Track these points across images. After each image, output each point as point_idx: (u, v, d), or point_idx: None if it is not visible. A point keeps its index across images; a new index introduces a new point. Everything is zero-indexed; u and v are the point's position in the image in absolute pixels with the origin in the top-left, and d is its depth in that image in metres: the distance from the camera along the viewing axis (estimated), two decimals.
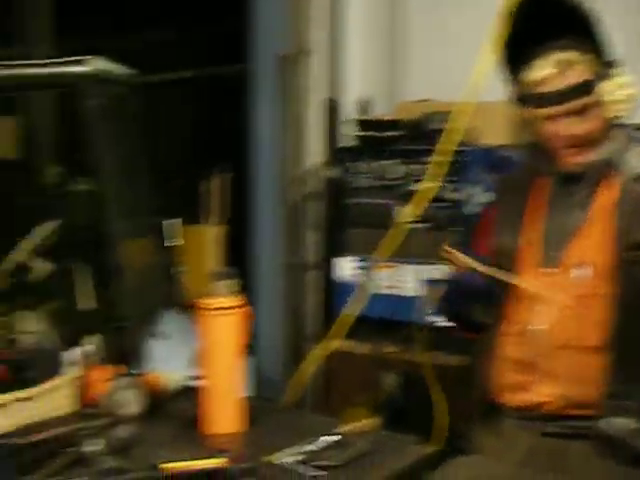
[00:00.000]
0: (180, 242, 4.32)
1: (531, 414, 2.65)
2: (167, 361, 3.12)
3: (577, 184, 2.65)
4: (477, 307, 2.75)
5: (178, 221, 4.29)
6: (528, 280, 2.63)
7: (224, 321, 2.60)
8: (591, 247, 2.60)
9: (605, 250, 2.58)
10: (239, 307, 2.63)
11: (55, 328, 3.41)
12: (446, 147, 2.89)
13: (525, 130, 2.75)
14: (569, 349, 2.60)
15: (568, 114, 2.57)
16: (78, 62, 3.13)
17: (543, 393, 2.62)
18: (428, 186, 2.87)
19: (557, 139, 2.60)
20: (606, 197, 2.63)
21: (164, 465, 2.21)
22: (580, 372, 2.60)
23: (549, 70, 2.58)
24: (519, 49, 2.64)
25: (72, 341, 3.20)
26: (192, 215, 5.18)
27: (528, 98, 2.64)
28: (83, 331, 3.24)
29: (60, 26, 6.78)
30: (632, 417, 2.34)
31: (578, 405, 2.56)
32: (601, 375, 2.54)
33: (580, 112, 2.57)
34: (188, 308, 3.97)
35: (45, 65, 3.19)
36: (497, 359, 2.72)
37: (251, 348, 4.60)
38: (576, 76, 2.57)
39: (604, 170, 2.64)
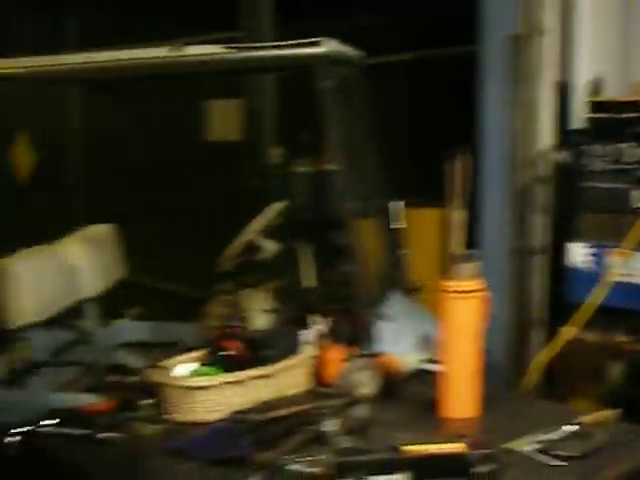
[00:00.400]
0: (403, 224, 4.31)
1: None
2: (393, 343, 3.11)
3: None
4: None
5: (401, 203, 4.29)
6: None
7: (465, 304, 2.59)
8: None
9: None
10: (480, 291, 2.61)
11: (282, 307, 3.47)
12: None
13: None
14: None
15: None
16: (311, 44, 3.15)
17: None
18: None
19: None
20: None
21: (405, 447, 2.21)
22: None
23: None
24: None
25: (299, 320, 3.25)
26: (421, 197, 5.21)
27: None
28: (309, 311, 3.29)
29: (281, 9, 6.90)
30: None
31: None
32: None
33: None
34: (412, 291, 3.98)
35: (277, 47, 3.23)
36: None
37: None
38: None
39: None
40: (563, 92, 4.83)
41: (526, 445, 2.32)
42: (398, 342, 3.14)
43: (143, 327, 4.39)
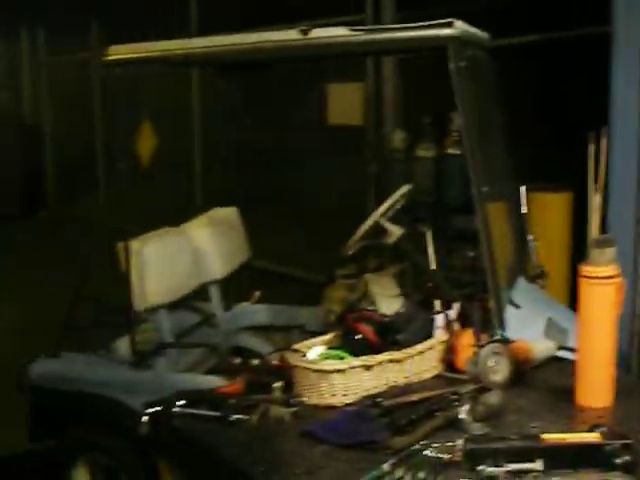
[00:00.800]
0: (525, 209, 4.25)
1: None
2: (520, 330, 3.06)
3: None
4: None
5: (523, 188, 4.22)
6: None
7: (603, 291, 2.53)
8: None
9: None
10: (617, 277, 2.55)
11: (410, 291, 3.45)
12: None
13: None
14: None
15: None
16: (442, 25, 3.10)
17: None
18: None
19: None
20: None
21: (545, 436, 2.17)
22: None
23: None
24: None
25: (427, 305, 3.23)
26: (555, 182, 5.13)
27: None
28: (436, 295, 3.25)
29: None
30: None
31: None
32: None
33: None
34: (538, 277, 3.91)
35: (406, 29, 3.19)
36: None
37: None
38: None
39: None
40: None
41: None
42: (525, 329, 3.10)
43: (265, 310, 4.41)
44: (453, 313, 3.09)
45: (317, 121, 7.82)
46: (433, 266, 3.40)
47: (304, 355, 2.90)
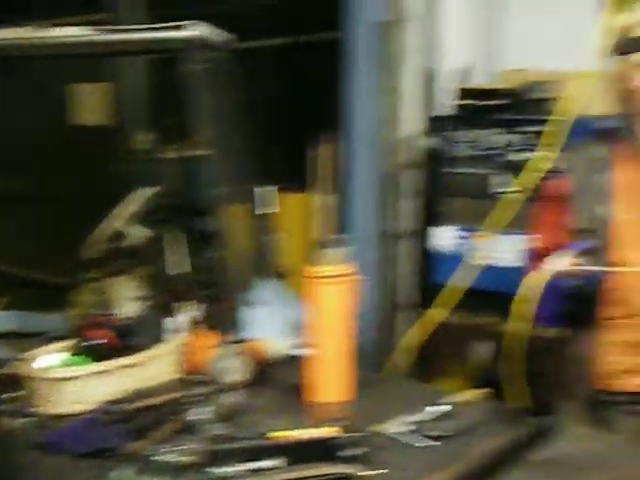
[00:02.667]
0: (276, 210, 4.30)
1: None
2: (264, 329, 3.11)
3: None
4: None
5: (273, 189, 4.27)
6: (630, 266, 2.57)
7: (332, 289, 2.59)
8: None
9: None
10: (348, 275, 2.62)
11: (151, 294, 3.43)
12: (554, 117, 2.84)
13: (620, 96, 2.68)
14: None
15: None
16: (179, 27, 3.11)
17: None
18: (537, 156, 2.82)
19: None
20: None
21: (274, 434, 2.20)
22: None
23: None
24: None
25: (169, 307, 3.22)
26: (290, 183, 5.20)
27: (631, 42, 2.55)
28: (179, 297, 3.26)
29: None
30: None
31: None
32: None
33: None
34: (284, 276, 3.98)
35: (146, 30, 3.17)
36: (607, 344, 2.65)
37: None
38: None
39: None
40: (430, 79, 4.90)
41: (397, 427, 2.33)
42: (269, 327, 3.14)
43: (10, 317, 4.29)
44: (195, 315, 3.10)
45: (64, 122, 7.66)
46: (181, 268, 3.40)
47: (35, 363, 2.83)
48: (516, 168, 4.01)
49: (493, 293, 4.14)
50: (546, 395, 3.93)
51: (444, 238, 4.40)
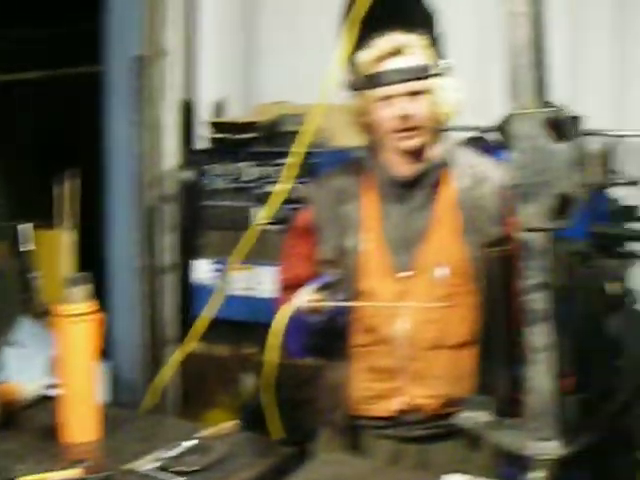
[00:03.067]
0: (32, 247, 4.24)
1: (398, 421, 2.68)
2: (23, 370, 3.06)
3: (414, 188, 2.69)
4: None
5: (29, 225, 4.21)
6: (377, 294, 2.67)
7: (78, 328, 2.57)
8: (443, 248, 2.66)
9: (457, 249, 2.64)
10: (92, 313, 2.61)
11: None
12: (299, 149, 2.91)
13: (362, 128, 2.78)
14: (438, 349, 2.65)
15: (405, 95, 2.62)
16: None
17: (418, 395, 2.66)
18: (282, 188, 2.87)
19: (391, 121, 2.63)
20: (445, 197, 2.69)
21: (21, 479, 2.17)
22: (454, 370, 2.66)
23: (390, 48, 2.62)
24: (363, 36, 2.68)
25: None
26: (44, 219, 5.11)
27: (367, 79, 2.67)
28: None
29: None
30: (487, 410, 2.39)
31: (457, 402, 2.58)
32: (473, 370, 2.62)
33: (416, 95, 2.62)
34: (43, 315, 3.91)
35: None
36: (357, 371, 2.71)
37: (108, 353, 4.57)
38: (416, 58, 2.62)
39: (439, 172, 2.69)
40: (188, 112, 4.92)
41: (146, 464, 2.34)
42: (27, 369, 3.09)
43: None
44: None
45: None
46: None
47: None
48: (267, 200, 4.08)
49: (254, 324, 4.19)
50: (304, 423, 4.02)
51: (203, 271, 4.44)
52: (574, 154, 1.97)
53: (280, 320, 2.51)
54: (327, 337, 2.64)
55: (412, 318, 2.63)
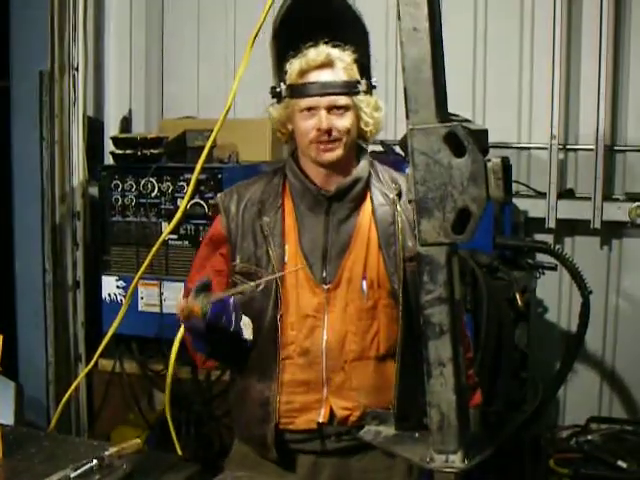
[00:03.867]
0: None
1: (319, 433, 2.66)
2: None
3: (336, 201, 2.69)
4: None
5: None
6: (301, 306, 2.65)
7: None
8: (362, 262, 2.66)
9: (376, 263, 2.65)
10: None
11: None
12: (204, 164, 2.89)
13: (284, 137, 2.77)
14: (359, 360, 2.64)
15: (328, 108, 2.61)
16: None
17: (340, 407, 2.65)
18: (185, 203, 2.83)
19: (312, 132, 2.62)
20: (366, 212, 2.70)
21: None
22: (375, 381, 2.66)
23: (319, 60, 2.61)
24: (289, 44, 2.67)
25: None
26: None
27: (292, 89, 2.65)
28: None
29: None
30: (388, 423, 2.40)
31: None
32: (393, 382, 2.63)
33: (339, 109, 2.62)
34: None
35: None
36: (280, 383, 2.67)
37: (13, 372, 4.50)
38: (343, 74, 2.62)
39: (361, 187, 2.70)
40: (94, 128, 4.88)
41: None
42: None
43: None
44: None
45: None
46: None
47: None
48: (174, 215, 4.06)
49: (163, 340, 4.15)
50: (214, 439, 4.00)
51: (110, 287, 4.39)
52: (474, 168, 1.98)
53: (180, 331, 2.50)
54: (215, 339, 2.56)
55: (333, 331, 2.63)
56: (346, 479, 2.68)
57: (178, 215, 2.62)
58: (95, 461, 2.41)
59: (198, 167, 2.55)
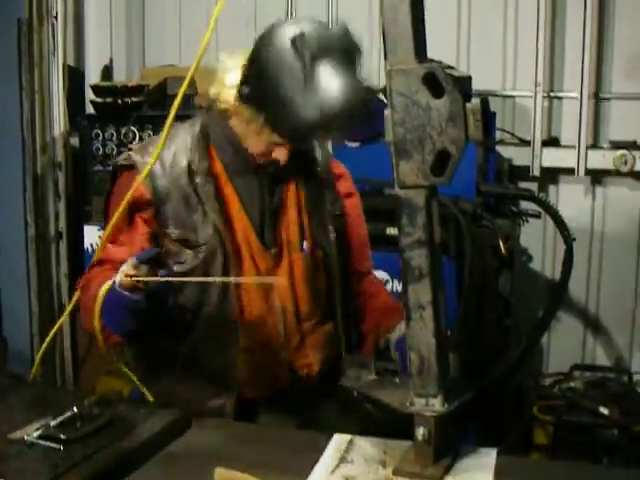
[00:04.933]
0: None
1: (282, 394, 2.66)
2: None
3: (269, 166, 2.60)
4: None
5: None
6: (245, 272, 2.60)
7: None
8: (296, 222, 2.65)
9: (308, 224, 2.64)
10: None
11: None
12: (178, 110, 2.79)
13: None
14: (311, 320, 2.66)
15: None
16: None
17: (299, 366, 2.67)
18: (159, 150, 2.69)
19: None
20: (296, 178, 2.68)
21: None
22: (327, 337, 2.67)
23: None
24: None
25: None
26: None
27: None
28: None
29: None
30: (367, 369, 2.40)
31: (334, 368, 2.66)
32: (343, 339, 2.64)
33: None
34: None
35: None
36: (236, 352, 2.64)
37: None
38: None
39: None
40: (74, 77, 4.84)
41: (29, 433, 2.29)
42: None
43: None
44: None
45: None
46: None
47: None
48: None
49: None
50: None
51: (92, 237, 4.37)
52: (453, 109, 1.96)
53: (99, 298, 2.35)
54: (150, 316, 2.36)
55: (284, 293, 2.62)
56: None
57: (152, 161, 2.52)
58: (75, 409, 2.40)
59: (171, 114, 2.46)
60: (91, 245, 4.38)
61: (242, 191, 2.63)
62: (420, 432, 2.12)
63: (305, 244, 2.66)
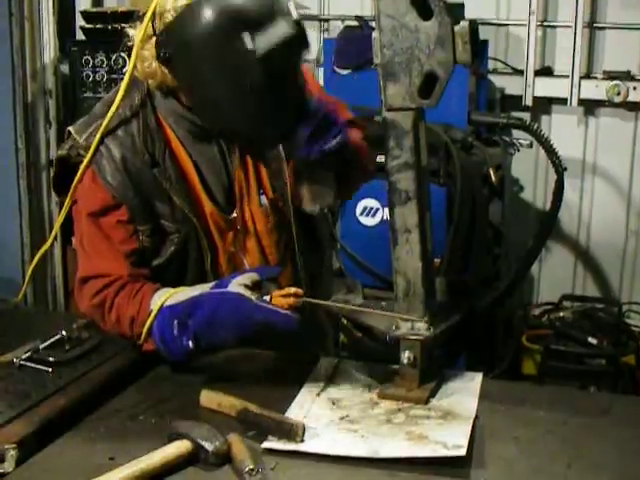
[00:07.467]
0: None
1: None
2: None
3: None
4: None
5: None
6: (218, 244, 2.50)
7: None
8: (252, 177, 2.55)
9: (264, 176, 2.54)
10: None
11: None
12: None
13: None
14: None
15: None
16: None
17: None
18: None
19: None
20: None
21: None
22: (290, 282, 2.59)
23: None
24: None
25: None
26: None
27: None
28: None
29: None
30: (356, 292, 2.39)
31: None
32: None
33: None
34: None
35: None
36: None
37: None
38: None
39: None
40: (64, 3, 4.81)
41: (16, 355, 2.30)
42: None
43: None
44: None
45: None
46: None
47: None
48: None
49: None
50: None
51: None
52: (441, 32, 1.95)
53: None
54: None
55: (252, 254, 2.52)
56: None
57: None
58: (64, 333, 2.41)
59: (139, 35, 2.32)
60: None
61: (200, 160, 2.46)
62: (405, 355, 2.13)
63: (263, 198, 2.52)
